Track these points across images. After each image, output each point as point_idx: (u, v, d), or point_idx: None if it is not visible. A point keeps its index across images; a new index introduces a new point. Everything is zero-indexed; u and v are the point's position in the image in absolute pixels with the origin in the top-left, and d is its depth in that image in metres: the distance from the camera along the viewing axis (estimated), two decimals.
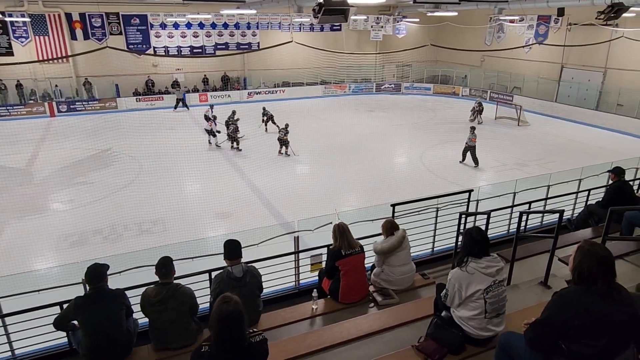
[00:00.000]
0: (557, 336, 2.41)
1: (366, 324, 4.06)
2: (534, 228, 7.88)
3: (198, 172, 13.42)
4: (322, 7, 8.20)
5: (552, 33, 20.36)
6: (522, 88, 25.14)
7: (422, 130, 19.59)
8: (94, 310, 3.71)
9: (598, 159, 14.20)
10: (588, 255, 2.44)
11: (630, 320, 2.36)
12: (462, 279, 3.25)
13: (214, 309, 2.56)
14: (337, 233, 4.64)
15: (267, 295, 5.76)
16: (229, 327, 2.50)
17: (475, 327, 3.28)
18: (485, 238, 3.35)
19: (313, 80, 27.28)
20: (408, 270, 5.00)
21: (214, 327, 2.51)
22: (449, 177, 13.59)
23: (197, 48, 25.08)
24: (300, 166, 15.31)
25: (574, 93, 22.74)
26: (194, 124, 20.17)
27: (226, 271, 4.13)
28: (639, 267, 5.01)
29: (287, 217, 10.25)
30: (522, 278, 4.96)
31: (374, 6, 25.33)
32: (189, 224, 9.95)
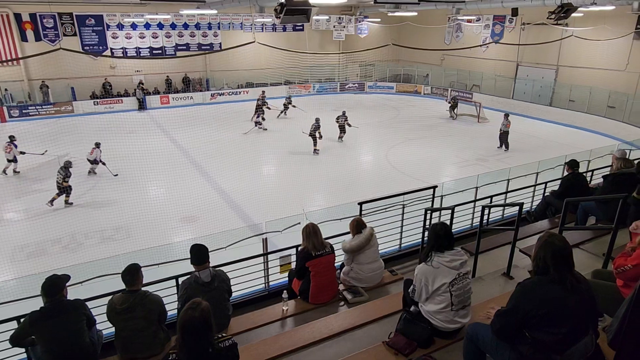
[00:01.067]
0: (521, 325, 2.49)
1: (337, 323, 4.07)
2: (496, 221, 8.13)
3: (162, 176, 13.11)
4: (283, 7, 8.18)
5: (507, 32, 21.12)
6: (481, 86, 25.93)
7: (386, 129, 19.86)
8: (52, 324, 3.55)
9: (553, 152, 14.80)
10: (544, 246, 2.54)
11: (588, 307, 2.47)
12: (428, 273, 3.31)
13: (180, 315, 2.51)
14: (306, 234, 4.63)
15: (237, 298, 5.70)
16: (194, 334, 2.46)
17: (443, 320, 3.35)
18: (449, 233, 3.43)
19: (277, 81, 27.15)
20: (377, 268, 5.05)
21: (179, 334, 2.46)
22: (414, 174, 13.84)
23: (156, 49, 24.48)
24: (266, 167, 15.23)
25: (529, 90, 23.66)
26: (155, 126, 19.68)
27: (194, 276, 4.05)
28: (594, 254, 5.25)
29: (254, 219, 10.16)
30: (486, 270, 5.11)
31: (335, 6, 25.48)
32: (153, 229, 9.70)
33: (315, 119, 16.06)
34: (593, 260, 5.10)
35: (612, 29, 18.45)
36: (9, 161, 13.74)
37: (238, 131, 17.69)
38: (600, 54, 20.03)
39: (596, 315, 2.65)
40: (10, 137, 13.76)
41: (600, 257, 4.96)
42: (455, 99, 22.32)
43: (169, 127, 18.80)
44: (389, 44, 17.78)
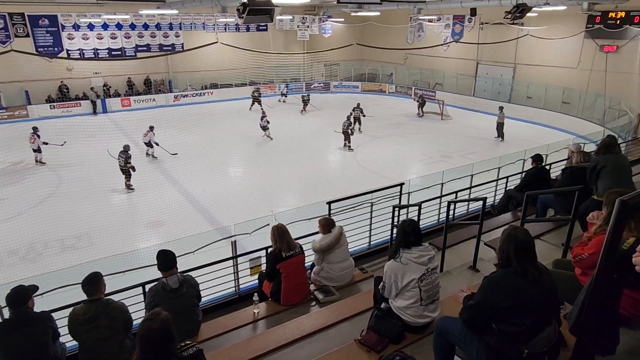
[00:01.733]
0: (488, 318, 2.56)
1: (309, 323, 4.07)
2: (461, 216, 8.33)
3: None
4: (246, 7, 8.10)
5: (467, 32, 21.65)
6: (443, 84, 26.53)
7: None
8: (17, 336, 3.40)
9: (513, 147, 15.31)
10: (508, 239, 2.62)
11: (550, 298, 2.56)
12: (397, 269, 3.36)
13: (139, 327, 2.43)
14: (276, 235, 4.60)
15: (207, 303, 5.60)
16: (155, 345, 2.38)
17: (413, 315, 3.40)
18: (417, 229, 3.48)
19: (242, 81, 26.86)
20: (347, 266, 5.08)
21: (138, 346, 2.39)
22: (381, 172, 14.00)
23: (115, 50, 23.72)
24: (233, 169, 15.04)
25: (489, 87, 24.40)
26: (116, 129, 19.08)
27: (161, 283, 3.96)
28: (554, 244, 5.47)
29: (222, 221, 10.01)
30: (453, 264, 5.23)
31: (299, 6, 25.44)
32: (117, 236, 9.40)
33: (347, 117, 17.23)
34: (553, 250, 5.30)
35: (564, 29, 19.25)
36: (34, 151, 14.56)
37: (203, 133, 17.38)
38: (554, 53, 20.87)
39: (558, 305, 2.75)
40: (33, 128, 14.75)
41: (559, 247, 5.16)
42: (422, 97, 22.79)
43: (131, 131, 18.24)
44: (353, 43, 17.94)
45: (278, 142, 17.24)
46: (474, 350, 2.68)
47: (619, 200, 2.07)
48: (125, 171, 12.35)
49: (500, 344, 2.53)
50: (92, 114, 22.19)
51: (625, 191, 3.15)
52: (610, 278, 2.22)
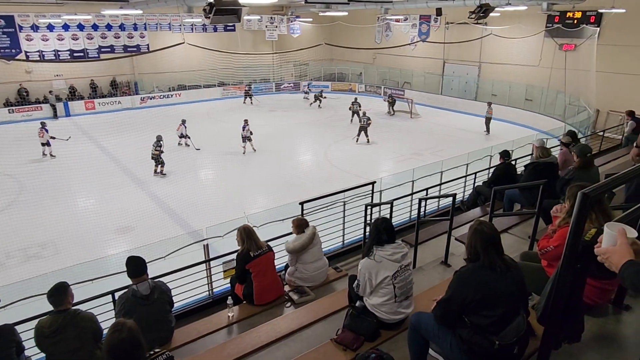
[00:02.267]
0: (460, 312, 2.61)
1: (284, 324, 4.06)
2: (432, 212, 8.48)
3: (91, 186, 12.35)
4: (213, 7, 7.97)
5: (433, 31, 22.04)
6: (412, 83, 26.93)
7: (324, 127, 20.07)
8: None
9: (480, 144, 15.71)
10: (475, 234, 2.68)
11: (518, 289, 2.64)
12: (371, 267, 3.38)
13: (106, 338, 2.34)
14: (243, 235, 4.58)
15: (180, 309, 5.50)
16: (124, 356, 2.30)
17: (387, 312, 3.44)
18: (390, 227, 3.52)
19: (210, 83, 26.52)
20: (321, 266, 5.09)
21: (106, 357, 2.31)
22: (353, 170, 14.09)
23: (77, 52, 22.93)
24: (204, 171, 14.82)
25: (456, 86, 24.94)
26: (81, 133, 18.49)
27: (131, 290, 3.86)
28: (520, 238, 5.64)
29: (194, 225, 9.85)
30: (426, 260, 5.31)
31: (266, 6, 25.29)
32: (84, 243, 9.12)
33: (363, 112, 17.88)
34: (520, 243, 5.47)
35: (525, 28, 19.87)
36: (43, 145, 15.41)
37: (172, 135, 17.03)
38: (516, 51, 21.52)
39: (526, 296, 2.84)
40: (41, 123, 15.75)
41: (526, 239, 5.33)
42: (392, 96, 23.06)
43: (96, 134, 17.74)
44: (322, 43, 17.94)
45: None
46: (447, 344, 2.73)
47: (580, 193, 2.15)
48: (156, 159, 13.82)
49: (472, 336, 2.59)
50: (53, 117, 21.39)
51: (586, 185, 3.28)
52: (574, 268, 2.30)
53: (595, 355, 2.85)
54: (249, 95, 25.75)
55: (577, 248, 2.24)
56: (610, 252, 1.78)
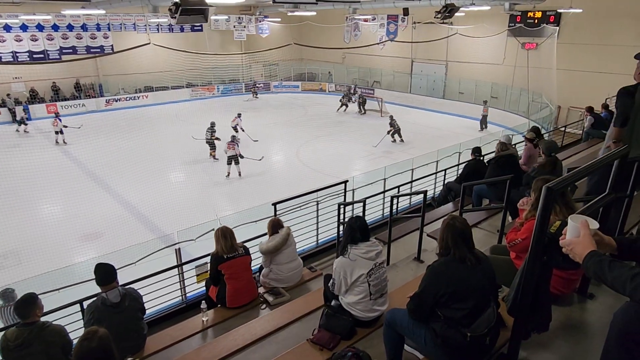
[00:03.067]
0: (433, 305, 2.66)
1: (260, 327, 4.02)
2: (404, 209, 8.60)
3: (55, 192, 11.92)
4: (179, 7, 7.84)
5: (401, 31, 22.33)
6: (381, 82, 27.24)
7: (295, 127, 20.03)
8: None
9: (449, 141, 16.01)
10: (446, 228, 2.74)
11: (489, 281, 2.71)
12: (346, 266, 3.40)
13: (75, 348, 2.27)
14: (218, 236, 4.53)
15: (152, 315, 5.40)
16: None
17: (363, 310, 3.46)
18: (363, 225, 3.55)
19: (178, 84, 26.04)
20: (296, 266, 5.08)
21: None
22: (325, 170, 14.12)
23: (37, 53, 22.06)
24: (174, 174, 14.54)
25: (424, 84, 25.37)
26: (42, 137, 17.83)
27: (100, 298, 3.74)
28: (489, 232, 5.79)
29: (165, 229, 9.65)
30: (399, 257, 5.38)
31: (234, 6, 25.03)
32: (50, 252, 8.76)
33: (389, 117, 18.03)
34: (489, 237, 5.61)
35: (489, 27, 20.42)
36: (57, 133, 16.93)
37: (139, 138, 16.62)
38: (481, 50, 22.08)
39: (496, 288, 2.92)
40: (55, 113, 17.90)
41: (495, 233, 5.47)
42: (362, 96, 23.19)
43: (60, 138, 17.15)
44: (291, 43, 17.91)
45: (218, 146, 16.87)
46: (422, 338, 2.77)
47: (545, 187, 2.22)
48: (211, 143, 15.04)
49: (446, 330, 2.64)
50: (13, 122, 20.51)
51: (551, 178, 3.40)
52: (541, 260, 2.37)
53: (563, 343, 2.96)
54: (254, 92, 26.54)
55: (544, 240, 2.31)
56: (573, 243, 1.84)
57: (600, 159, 2.82)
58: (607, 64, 17.17)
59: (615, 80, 3.84)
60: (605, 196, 2.91)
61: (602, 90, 13.64)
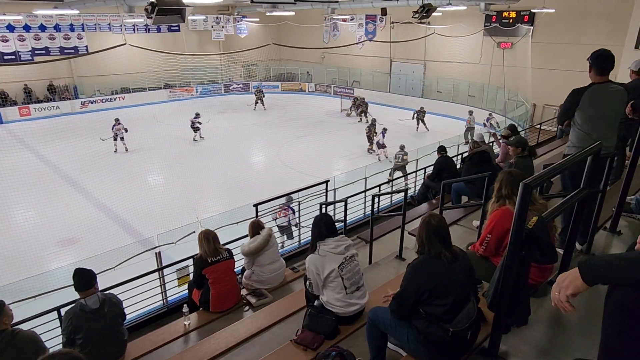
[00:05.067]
0: (415, 303, 2.69)
1: (243, 329, 4.00)
2: (385, 208, 8.66)
3: (29, 196, 11.61)
4: (155, 7, 7.72)
5: (379, 31, 22.49)
6: (361, 81, 27.37)
7: (275, 128, 19.97)
8: None
9: (428, 140, 16.21)
10: (422, 226, 2.78)
11: (467, 276, 2.76)
12: (316, 261, 3.43)
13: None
14: (199, 241, 4.49)
15: (133, 320, 5.31)
16: None
17: (341, 306, 3.47)
18: (329, 222, 3.58)
19: (156, 85, 25.67)
20: (278, 267, 5.06)
21: None
22: (306, 170, 14.12)
23: (8, 54, 21.38)
24: (152, 176, 14.33)
25: (403, 84, 25.61)
26: (15, 141, 17.36)
27: (79, 304, 3.66)
28: (469, 229, 5.87)
29: (144, 233, 9.52)
30: (381, 255, 5.41)
31: (211, 6, 24.79)
32: (24, 258, 8.54)
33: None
34: (469, 233, 5.69)
35: (466, 27, 20.72)
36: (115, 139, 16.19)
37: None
38: (458, 50, 22.41)
39: (475, 283, 2.97)
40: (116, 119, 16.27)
41: (474, 230, 5.56)
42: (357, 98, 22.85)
43: (33, 142, 16.70)
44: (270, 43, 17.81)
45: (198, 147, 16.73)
46: (404, 336, 2.80)
47: (522, 183, 2.27)
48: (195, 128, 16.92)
49: (428, 327, 2.67)
50: None
51: (515, 171, 3.47)
52: (519, 256, 2.42)
53: (542, 336, 3.03)
54: (260, 98, 24.13)
55: (522, 236, 2.36)
56: (561, 281, 1.63)
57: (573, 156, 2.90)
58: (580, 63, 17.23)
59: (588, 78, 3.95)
60: (580, 191, 3.00)
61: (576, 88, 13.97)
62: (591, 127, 3.86)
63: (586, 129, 3.88)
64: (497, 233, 3.29)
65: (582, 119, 3.90)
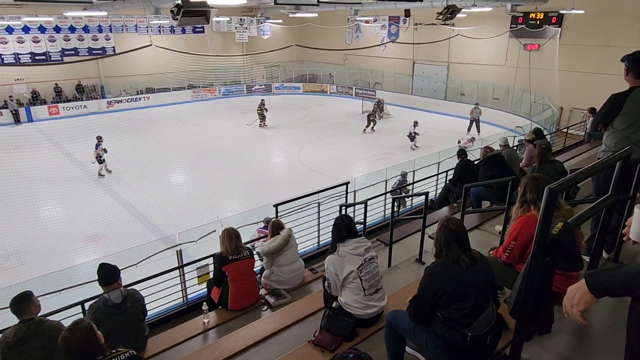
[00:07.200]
0: (433, 307, 2.66)
1: (261, 328, 4.02)
2: (406, 211, 8.59)
3: (57, 193, 11.95)
4: (180, 8, 7.86)
5: (402, 32, 22.35)
6: (383, 83, 27.25)
7: (296, 129, 20.04)
8: None
9: (450, 143, 16.01)
10: (440, 230, 2.75)
11: (486, 280, 2.71)
12: (335, 262, 3.43)
13: (59, 338, 2.37)
14: (223, 237, 4.54)
15: (154, 317, 5.41)
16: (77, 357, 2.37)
17: (360, 308, 3.45)
18: (350, 223, 3.58)
19: (180, 85, 26.12)
20: (297, 268, 5.08)
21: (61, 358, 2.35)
22: (326, 171, 14.13)
23: (39, 55, 22.10)
24: (175, 175, 14.57)
25: (426, 86, 25.38)
26: (44, 139, 17.89)
27: (102, 298, 3.75)
28: (491, 233, 5.77)
29: (166, 231, 9.67)
30: (401, 258, 5.37)
31: (235, 7, 25.09)
32: (51, 253, 8.81)
33: None
34: (491, 238, 5.60)
35: (491, 29, 20.42)
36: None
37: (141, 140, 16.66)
38: (483, 51, 22.08)
39: (494, 287, 2.91)
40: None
41: (496, 235, 5.46)
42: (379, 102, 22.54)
43: (61, 140, 17.20)
44: (292, 44, 17.95)
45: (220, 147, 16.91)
46: (423, 340, 2.77)
47: (547, 188, 2.22)
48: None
49: (446, 331, 2.64)
50: (14, 123, 20.61)
51: (540, 175, 3.39)
52: (543, 262, 2.37)
53: (565, 345, 2.95)
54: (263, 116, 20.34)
55: (546, 242, 2.31)
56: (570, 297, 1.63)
57: (602, 161, 2.82)
58: (610, 65, 17.12)
59: (618, 82, 3.85)
60: (608, 198, 2.91)
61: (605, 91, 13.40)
62: (632, 131, 3.77)
63: (626, 133, 3.79)
64: (522, 240, 3.22)
65: (621, 123, 3.81)
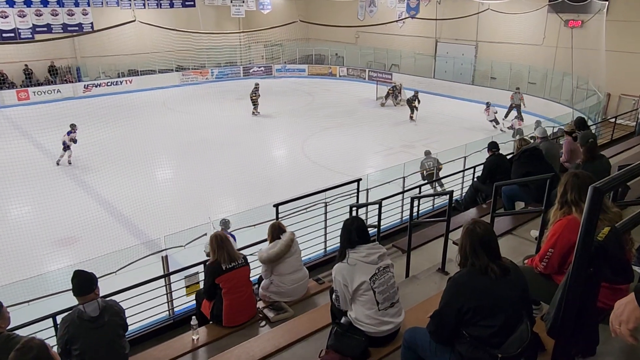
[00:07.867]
0: (458, 324, 2.64)
1: (258, 347, 4.02)
2: (427, 212, 8.55)
3: (25, 190, 12.02)
4: None
5: (423, 6, 22.31)
6: (400, 65, 27.15)
7: (300, 118, 20.04)
8: None
9: (479, 134, 15.95)
10: (465, 235, 2.72)
11: (519, 293, 2.68)
12: (345, 271, 3.40)
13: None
14: (214, 244, 4.51)
15: (135, 332, 5.42)
16: None
17: (372, 324, 3.42)
18: (361, 226, 3.55)
19: (167, 67, 26.19)
20: (300, 278, 5.07)
21: None
22: (334, 167, 14.11)
23: (7, 32, 22.27)
24: (161, 170, 14.62)
25: (450, 68, 25.26)
26: (11, 127, 18.02)
27: (77, 310, 3.75)
28: (525, 239, 5.73)
29: (150, 234, 9.72)
30: (421, 267, 5.35)
31: None
32: (18, 258, 8.87)
33: None
34: (526, 245, 5.55)
35: (527, 2, 20.27)
36: None
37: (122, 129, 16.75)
38: (517, 29, 21.92)
39: (529, 302, 2.88)
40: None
41: (532, 241, 5.42)
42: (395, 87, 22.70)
43: (31, 129, 17.28)
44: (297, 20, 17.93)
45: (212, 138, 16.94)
46: None
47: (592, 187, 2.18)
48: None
49: (473, 352, 2.61)
50: None
51: (583, 173, 3.35)
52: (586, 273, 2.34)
53: None
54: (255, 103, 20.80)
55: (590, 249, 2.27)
56: (619, 313, 1.65)
57: None
58: None
59: None
60: None
61: None
62: None
63: None
64: (561, 247, 3.18)
65: None
